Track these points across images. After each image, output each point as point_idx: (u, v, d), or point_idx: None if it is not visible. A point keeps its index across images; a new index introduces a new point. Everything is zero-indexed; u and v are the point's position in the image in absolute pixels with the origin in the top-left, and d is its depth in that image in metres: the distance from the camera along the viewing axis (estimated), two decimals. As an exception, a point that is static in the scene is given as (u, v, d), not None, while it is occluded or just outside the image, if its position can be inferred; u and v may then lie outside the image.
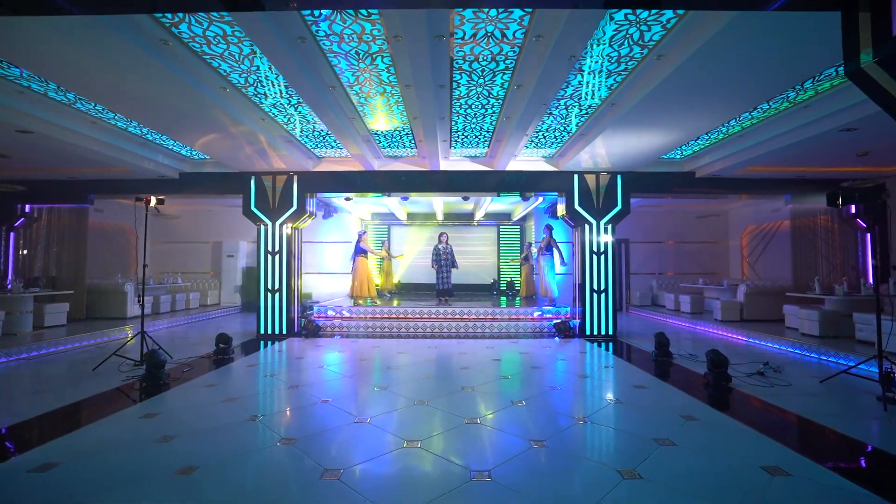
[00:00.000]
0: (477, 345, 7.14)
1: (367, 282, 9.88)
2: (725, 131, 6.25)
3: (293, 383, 4.79)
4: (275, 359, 6.18)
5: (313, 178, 8.04)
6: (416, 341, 7.47)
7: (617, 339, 7.71)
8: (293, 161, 7.48)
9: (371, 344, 7.22)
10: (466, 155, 7.75)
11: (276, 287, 7.93)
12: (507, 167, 7.81)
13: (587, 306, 7.88)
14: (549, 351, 6.71)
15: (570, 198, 7.96)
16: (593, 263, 7.91)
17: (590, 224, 7.93)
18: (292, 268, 8.07)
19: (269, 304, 7.92)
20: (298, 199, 7.99)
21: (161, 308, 10.03)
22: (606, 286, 7.88)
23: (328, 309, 8.95)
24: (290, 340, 7.60)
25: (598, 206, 7.94)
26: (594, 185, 7.96)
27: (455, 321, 8.47)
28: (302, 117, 5.82)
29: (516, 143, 6.48)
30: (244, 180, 7.99)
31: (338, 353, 6.50)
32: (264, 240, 7.97)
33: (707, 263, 12.81)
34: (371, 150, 7.39)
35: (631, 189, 7.97)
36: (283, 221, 7.97)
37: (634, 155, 6.97)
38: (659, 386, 4.69)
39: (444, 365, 5.70)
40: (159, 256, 12.91)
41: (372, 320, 8.60)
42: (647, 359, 6.06)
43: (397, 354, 6.36)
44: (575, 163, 7.49)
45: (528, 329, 8.42)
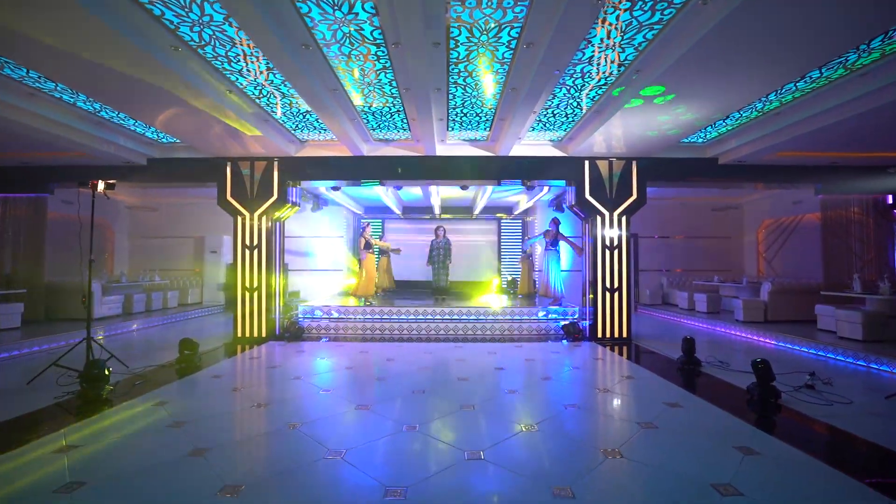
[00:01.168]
0: (477, 350, 6.39)
1: (372, 280, 9.26)
2: (761, 108, 5.49)
3: (260, 400, 4.02)
4: (246, 368, 5.41)
5: (296, 165, 7.26)
6: (410, 345, 6.72)
7: (632, 343, 6.97)
8: (273, 145, 6.70)
9: (359, 349, 6.46)
10: (465, 138, 6.98)
11: (254, 285, 7.16)
12: (510, 152, 7.04)
13: (599, 306, 7.13)
14: (558, 357, 5.96)
15: (580, 187, 7.20)
16: (606, 259, 7.16)
17: (602, 215, 7.17)
18: (273, 264, 7.29)
19: (247, 304, 7.15)
20: (279, 188, 7.21)
21: (135, 308, 9.24)
22: (620, 284, 7.13)
23: (315, 309, 8.19)
24: (270, 345, 6.83)
25: (611, 196, 7.18)
26: (607, 172, 7.20)
27: (453, 322, 7.72)
28: (275, 88, 5.03)
29: (522, 123, 5.71)
30: (219, 167, 7.20)
31: (320, 359, 5.73)
32: (241, 233, 7.19)
33: (719, 260, 12.08)
34: (359, 133, 6.61)
35: (647, 177, 7.21)
36: (263, 212, 7.19)
37: (653, 138, 6.21)
38: (695, 404, 3.94)
39: (440, 376, 4.95)
40: (138, 252, 12.11)
41: (362, 322, 7.84)
42: (671, 367, 5.32)
43: (387, 362, 5.60)
44: (586, 147, 6.73)
45: (533, 331, 7.68)
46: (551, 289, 8.78)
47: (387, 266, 11.56)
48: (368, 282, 9.09)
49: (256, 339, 7.09)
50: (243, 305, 7.14)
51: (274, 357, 6.00)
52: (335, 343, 6.95)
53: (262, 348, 6.56)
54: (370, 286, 9.12)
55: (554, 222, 8.94)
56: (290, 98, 5.31)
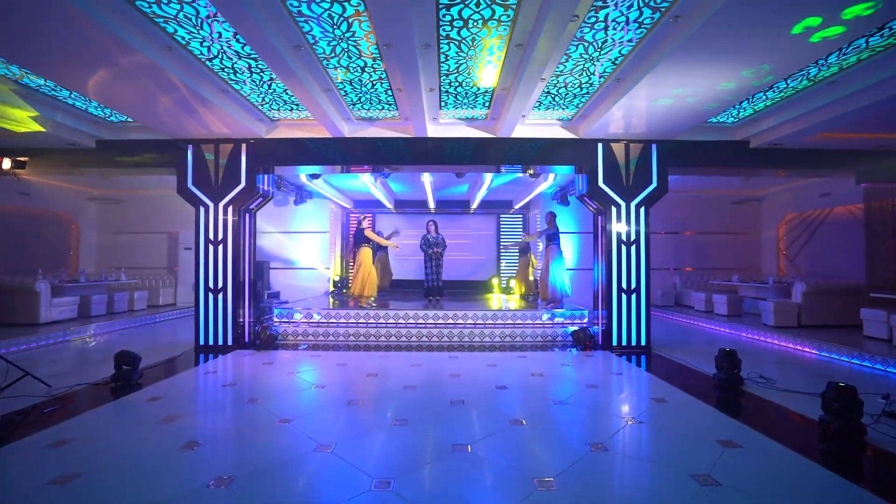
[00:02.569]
0: (474, 361, 5.49)
1: (370, 278, 8.10)
2: (814, 75, 4.59)
3: (194, 437, 3.11)
4: (196, 387, 4.50)
5: (267, 148, 6.33)
6: (397, 355, 5.81)
7: (652, 353, 6.09)
8: (239, 124, 5.77)
9: (338, 360, 5.55)
10: (461, 117, 6.07)
11: (218, 286, 6.23)
12: (512, 133, 6.13)
13: (614, 310, 6.24)
14: (569, 371, 5.07)
15: (592, 173, 6.30)
16: (622, 256, 6.26)
17: (617, 206, 6.27)
18: (242, 261, 6.37)
19: (210, 307, 6.22)
20: (248, 175, 6.28)
21: (94, 310, 8.29)
22: (638, 285, 6.25)
23: (294, 312, 7.28)
24: (237, 355, 5.92)
25: (628, 184, 6.28)
26: (623, 156, 6.30)
27: (447, 328, 6.82)
28: (226, 45, 4.10)
29: (528, 95, 4.81)
30: (179, 150, 6.26)
31: (288, 375, 4.82)
32: (204, 225, 6.26)
33: (735, 257, 11.20)
34: (338, 109, 5.69)
35: (668, 163, 6.32)
36: (230, 202, 6.26)
37: (678, 116, 5.32)
38: (757, 443, 3.05)
39: (430, 398, 4.05)
40: (107, 250, 11.15)
41: (345, 327, 6.93)
42: (707, 385, 4.44)
43: (367, 379, 4.70)
44: (600, 127, 5.83)
45: (537, 338, 6.79)
46: (550, 289, 7.84)
47: (385, 262, 10.64)
48: (366, 280, 8.04)
49: (221, 348, 6.17)
50: (206, 309, 6.21)
51: (234, 371, 5.08)
52: (313, 353, 6.04)
53: (225, 359, 5.64)
54: (368, 285, 8.07)
55: (550, 216, 8.01)
56: (248, 60, 4.38)
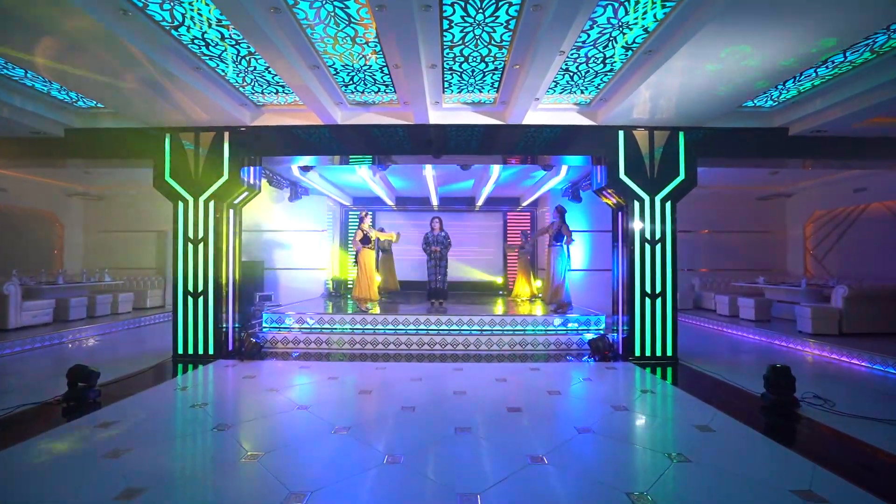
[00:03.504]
0: (482, 374, 4.88)
1: (373, 280, 7.57)
2: (879, 46, 3.94)
3: (139, 481, 2.51)
4: (160, 408, 3.90)
5: (252, 137, 5.74)
6: (396, 367, 5.21)
7: (681, 364, 5.45)
8: (219, 110, 5.19)
9: (330, 371, 4.96)
10: (467, 101, 5.45)
11: (198, 289, 5.65)
12: (523, 119, 5.51)
13: (636, 316, 5.60)
14: (591, 388, 4.44)
15: (612, 164, 5.67)
16: (645, 256, 5.63)
17: (640, 201, 5.64)
18: (224, 261, 5.79)
19: (190, 312, 5.64)
20: (231, 166, 5.69)
21: (72, 314, 7.74)
22: (664, 288, 5.61)
23: (285, 316, 6.70)
24: (217, 366, 5.33)
25: (652, 176, 5.64)
26: (646, 145, 5.66)
27: (451, 335, 6.21)
28: (191, 8, 3.50)
29: (542, 73, 4.19)
30: (155, 140, 5.68)
31: (269, 392, 4.23)
32: (182, 222, 5.68)
33: (756, 257, 10.51)
34: (329, 91, 5.09)
35: (697, 153, 5.67)
36: (211, 197, 5.67)
37: (715, 97, 4.68)
38: (843, 492, 2.41)
39: (432, 423, 3.44)
40: (94, 249, 10.61)
41: (340, 333, 6.34)
42: (753, 407, 3.81)
43: (359, 398, 4.09)
44: (622, 112, 5.20)
45: (550, 346, 6.17)
46: (556, 291, 7.10)
47: (390, 264, 10.00)
48: (369, 283, 7.47)
49: (201, 358, 5.59)
50: (185, 315, 5.63)
51: (210, 387, 4.50)
52: (302, 363, 5.44)
53: (202, 371, 5.06)
54: (372, 288, 7.51)
55: (558, 212, 7.29)
56: (220, 28, 3.79)
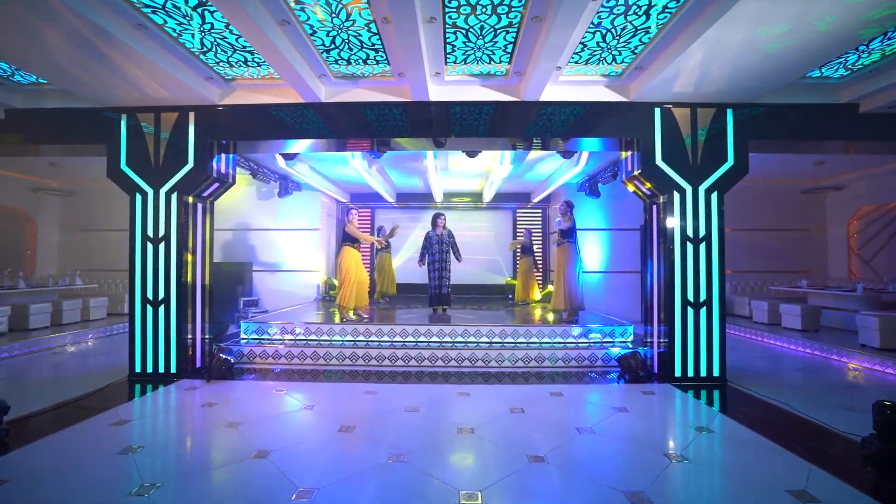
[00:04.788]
0: (492, 400, 3.99)
1: (357, 284, 6.23)
2: None
3: None
4: (78, 454, 3.02)
5: (221, 118, 4.90)
6: (390, 389, 4.34)
7: (731, 387, 4.53)
8: (180, 85, 4.36)
9: (309, 397, 4.09)
10: (474, 73, 4.57)
11: (158, 296, 4.82)
12: (541, 95, 4.63)
13: (677, 328, 4.70)
14: (630, 424, 3.53)
15: (646, 148, 4.77)
16: (687, 257, 4.72)
17: (681, 191, 4.73)
18: (191, 264, 4.96)
19: (149, 324, 4.81)
20: (197, 152, 4.85)
21: (33, 323, 6.94)
22: (710, 295, 4.69)
23: (268, 326, 5.87)
24: (179, 387, 4.49)
25: (695, 163, 4.74)
26: (688, 126, 4.76)
27: (455, 349, 5.33)
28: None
29: (570, 28, 3.32)
30: (109, 122, 4.87)
31: (226, 428, 3.36)
32: (141, 218, 4.85)
33: (792, 258, 9.52)
34: (308, 60, 4.23)
35: (749, 134, 4.75)
36: (174, 188, 4.84)
37: (777, 62, 3.78)
38: None
39: (427, 483, 2.56)
40: (72, 249, 9.84)
41: (328, 346, 5.48)
42: (853, 456, 2.90)
43: (338, 437, 3.22)
44: (661, 84, 4.31)
45: (570, 361, 5.27)
46: (568, 296, 6.05)
47: (388, 266, 9.13)
48: (357, 288, 6.22)
49: (162, 378, 4.75)
50: (142, 326, 4.80)
51: (159, 420, 3.66)
52: (280, 384, 4.58)
53: (156, 397, 4.22)
54: (359, 294, 6.25)
55: (566, 205, 6.22)
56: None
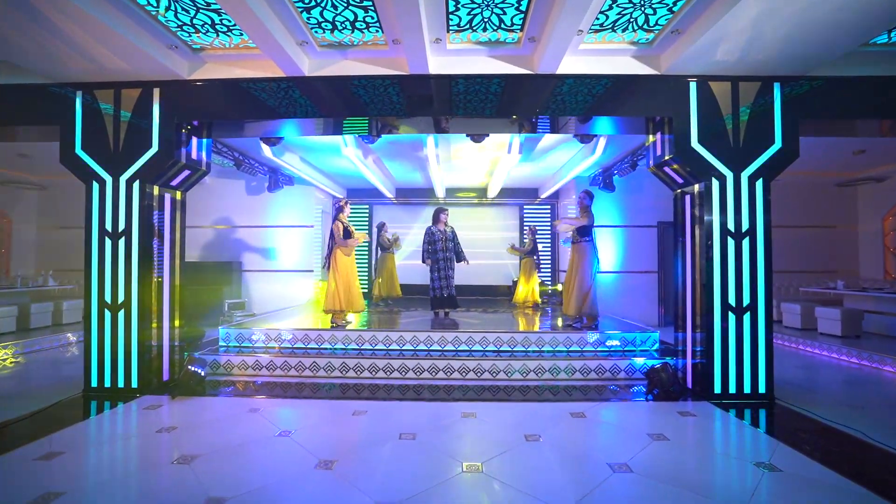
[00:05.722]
0: (502, 423, 3.35)
1: (349, 288, 5.63)
2: None
3: None
4: (-13, 499, 2.44)
5: (191, 95, 4.28)
6: (382, 408, 3.70)
7: (779, 405, 3.88)
8: (142, 56, 3.75)
9: (286, 419, 3.46)
10: (480, 41, 3.93)
11: (118, 300, 4.20)
12: (558, 68, 3.99)
13: (716, 337, 4.05)
14: (672, 457, 2.88)
15: (680, 129, 4.12)
16: (728, 255, 4.07)
17: (720, 178, 4.09)
18: (157, 263, 4.34)
19: (107, 331, 4.19)
20: (163, 134, 4.23)
21: None
22: (754, 299, 4.04)
23: (250, 333, 5.26)
24: (139, 405, 3.87)
25: (737, 145, 4.09)
26: (728, 103, 4.11)
27: (459, 359, 4.69)
28: None
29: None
30: (62, 100, 4.25)
31: (178, 465, 2.73)
32: (98, 210, 4.23)
33: (819, 257, 8.84)
34: (287, 23, 3.60)
35: (800, 112, 4.10)
36: (137, 175, 4.22)
37: (848, 18, 3.14)
38: None
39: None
40: (51, 248, 9.24)
41: (316, 355, 4.86)
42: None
43: (313, 476, 2.59)
44: (700, 51, 3.67)
45: (590, 373, 4.63)
46: (581, 299, 5.32)
47: (391, 267, 8.47)
48: (348, 290, 5.57)
49: (121, 394, 4.12)
50: (100, 334, 4.18)
51: (103, 451, 3.02)
52: (256, 401, 3.95)
53: (106, 419, 3.60)
54: (350, 297, 5.59)
55: (586, 195, 5.43)
56: None
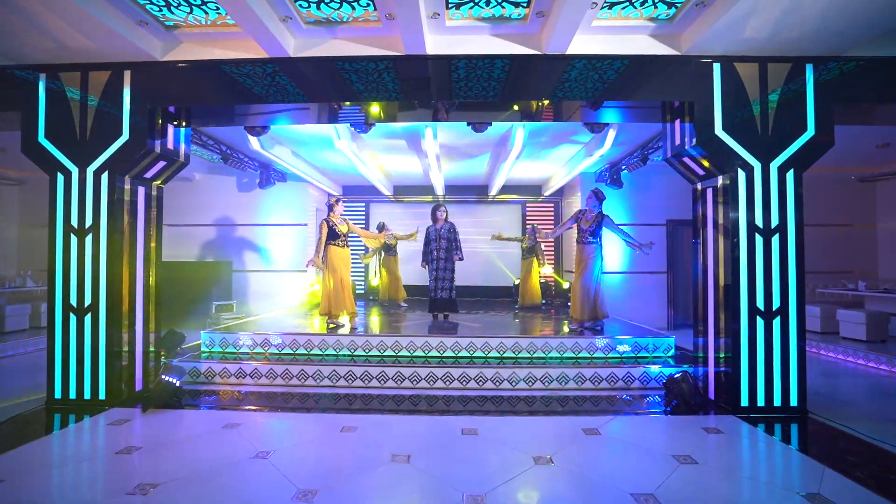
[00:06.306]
0: (507, 443, 2.97)
1: (342, 288, 5.31)
2: None
3: None
4: None
5: (165, 78, 3.90)
6: (375, 423, 3.32)
7: (812, 419, 3.51)
8: (110, 34, 3.38)
9: (267, 436, 3.08)
10: (483, 16, 3.55)
11: (85, 302, 3.82)
12: (568, 47, 3.62)
13: (743, 344, 3.67)
14: (703, 483, 2.48)
15: (702, 115, 3.74)
16: (756, 254, 3.69)
17: (747, 169, 3.71)
18: (128, 262, 3.96)
19: (73, 337, 3.81)
20: (134, 121, 3.85)
21: (-31, 330, 6.00)
22: (785, 302, 3.66)
23: (234, 338, 4.89)
24: (106, 419, 3.49)
25: (766, 132, 3.71)
26: (755, 86, 3.73)
27: (460, 367, 4.32)
28: None
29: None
30: (24, 84, 3.88)
31: (132, 496, 2.36)
32: (62, 204, 3.86)
33: (834, 257, 8.44)
34: (273, 0, 3.24)
35: (835, 97, 3.72)
36: (105, 166, 3.85)
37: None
38: None
39: None
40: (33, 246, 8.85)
41: (304, 362, 4.48)
42: None
43: (288, 512, 2.22)
44: (727, 28, 3.29)
45: (602, 383, 4.25)
46: (589, 301, 5.01)
47: (394, 267, 8.03)
48: (339, 292, 5.24)
49: (88, 406, 3.74)
50: (64, 340, 3.80)
51: (53, 475, 2.65)
52: (235, 414, 3.58)
53: (66, 435, 3.22)
54: (342, 299, 5.27)
55: (595, 196, 5.11)
56: None
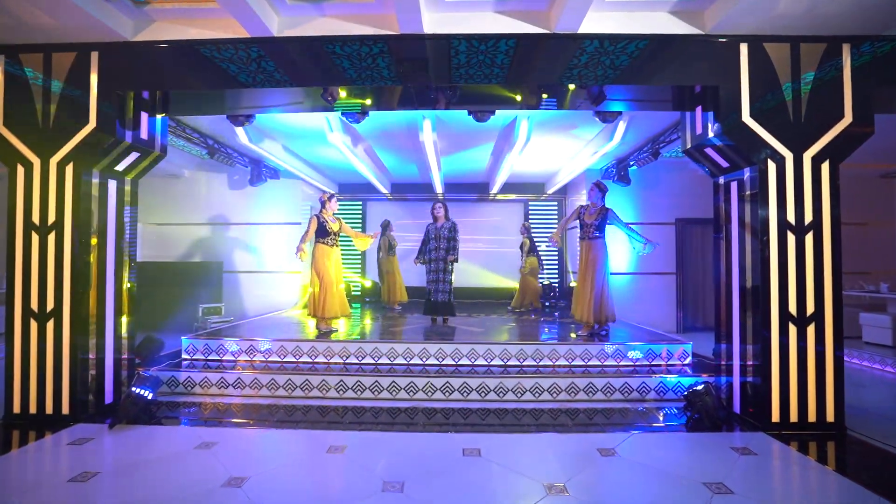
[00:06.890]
0: (514, 467, 2.61)
1: (331, 290, 4.98)
2: None
3: None
4: None
5: (137, 61, 3.54)
6: (365, 443, 2.96)
7: (853, 439, 3.15)
8: (76, 11, 3.03)
9: (240, 463, 2.73)
10: (486, -10, 3.21)
11: (46, 307, 3.47)
12: (579, 26, 3.27)
13: (774, 354, 3.31)
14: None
15: (728, 101, 3.38)
16: (787, 254, 3.34)
17: (777, 160, 3.35)
18: (93, 262, 3.61)
19: (32, 345, 3.46)
20: (102, 108, 3.50)
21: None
22: (820, 308, 3.31)
23: (218, 344, 4.56)
24: (68, 437, 3.13)
25: (798, 119, 3.36)
26: (786, 69, 3.37)
27: (458, 376, 3.96)
28: None
29: None
30: (-16, 66, 3.54)
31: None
32: (23, 198, 3.51)
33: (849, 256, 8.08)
34: (244, -36, 2.89)
35: (874, 78, 3.37)
36: (70, 158, 3.49)
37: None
38: None
39: None
40: (17, 247, 8.53)
41: (293, 371, 4.13)
42: None
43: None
44: (753, 4, 2.95)
45: (615, 394, 3.90)
46: (597, 303, 4.58)
47: (393, 271, 7.67)
48: (327, 293, 4.91)
49: (49, 422, 3.39)
50: (24, 349, 3.45)
51: (-12, 507, 2.31)
52: (212, 431, 3.21)
53: (16, 457, 2.86)
54: (333, 300, 4.94)
55: (597, 189, 4.72)
56: None
